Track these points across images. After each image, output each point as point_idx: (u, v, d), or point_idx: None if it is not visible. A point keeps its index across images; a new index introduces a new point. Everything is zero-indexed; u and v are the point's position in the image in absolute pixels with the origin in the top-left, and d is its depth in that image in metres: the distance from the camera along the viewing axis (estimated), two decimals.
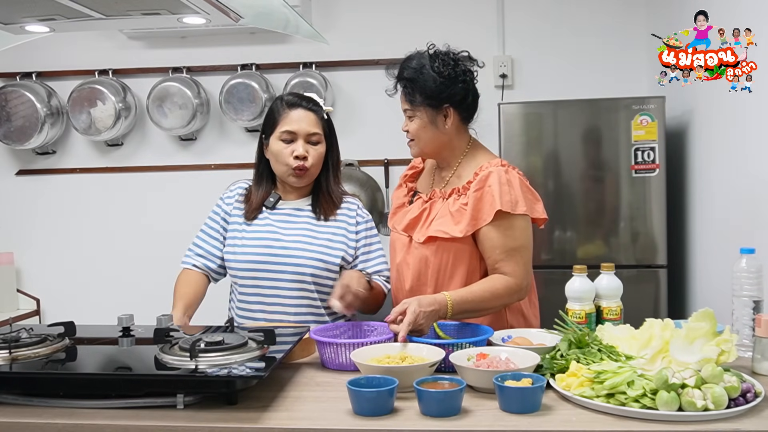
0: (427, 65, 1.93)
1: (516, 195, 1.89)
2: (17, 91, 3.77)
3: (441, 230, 1.92)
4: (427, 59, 1.95)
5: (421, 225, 1.99)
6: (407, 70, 1.96)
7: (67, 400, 1.39)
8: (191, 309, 2.03)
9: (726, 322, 1.62)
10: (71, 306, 3.90)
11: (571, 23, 3.71)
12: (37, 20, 1.92)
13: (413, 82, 1.94)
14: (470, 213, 1.89)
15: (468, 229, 1.89)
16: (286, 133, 2.04)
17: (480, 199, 1.89)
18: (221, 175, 3.85)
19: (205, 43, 3.89)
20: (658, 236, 3.09)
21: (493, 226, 1.88)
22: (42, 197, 4.04)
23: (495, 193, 1.87)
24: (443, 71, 1.92)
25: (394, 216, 2.12)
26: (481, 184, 1.90)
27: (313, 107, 2.09)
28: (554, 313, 1.73)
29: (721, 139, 2.66)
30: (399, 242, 2.04)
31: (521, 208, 1.89)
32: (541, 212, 1.96)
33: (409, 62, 1.97)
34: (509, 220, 1.89)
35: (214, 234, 2.12)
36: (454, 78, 1.93)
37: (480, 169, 1.93)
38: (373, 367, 1.46)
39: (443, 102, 1.94)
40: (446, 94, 1.93)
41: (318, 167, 2.08)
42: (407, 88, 1.96)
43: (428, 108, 1.94)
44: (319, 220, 2.08)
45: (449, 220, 1.93)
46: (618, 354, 1.46)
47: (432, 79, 1.92)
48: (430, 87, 1.92)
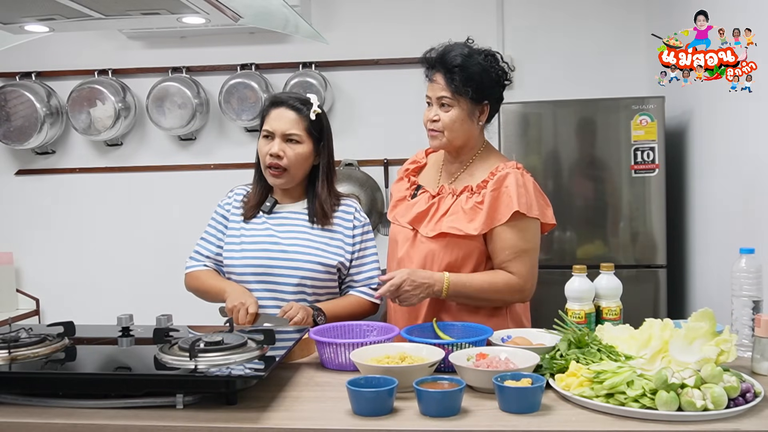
0: (476, 57, 1.91)
1: (531, 199, 1.91)
2: (17, 90, 3.78)
3: (454, 227, 1.92)
4: (476, 52, 1.92)
5: (428, 220, 1.98)
6: (457, 57, 1.89)
7: (67, 400, 1.38)
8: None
9: (725, 322, 1.62)
10: (71, 306, 3.90)
11: (571, 23, 3.71)
12: (36, 20, 1.92)
13: (463, 69, 1.89)
14: (486, 212, 1.89)
15: (483, 227, 1.89)
16: (265, 131, 2.03)
17: (497, 198, 1.90)
18: (221, 175, 3.85)
19: (204, 43, 3.89)
20: (657, 236, 3.09)
21: (508, 226, 1.88)
22: (41, 197, 4.04)
23: (512, 194, 1.88)
24: (492, 67, 1.92)
25: (394, 209, 2.10)
26: (498, 184, 1.90)
27: (297, 106, 2.02)
28: (554, 313, 1.73)
29: (721, 139, 2.66)
30: (401, 235, 2.03)
31: (535, 211, 1.90)
32: (550, 218, 1.97)
33: (456, 50, 1.91)
34: (524, 222, 1.90)
35: (217, 234, 2.11)
36: (499, 75, 1.95)
37: (496, 170, 1.94)
38: (373, 367, 1.45)
39: (486, 97, 1.94)
40: (491, 89, 1.94)
41: (299, 169, 2.03)
42: (453, 74, 1.89)
43: (470, 100, 1.92)
44: (314, 225, 2.07)
45: (462, 217, 1.92)
46: (617, 354, 1.46)
47: (484, 71, 1.91)
48: (479, 79, 1.90)
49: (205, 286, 2.07)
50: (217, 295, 2.03)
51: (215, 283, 2.05)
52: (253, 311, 1.88)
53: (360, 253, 2.08)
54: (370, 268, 2.10)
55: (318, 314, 1.94)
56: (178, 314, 1.84)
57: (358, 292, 2.07)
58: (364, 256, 2.09)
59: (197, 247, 2.14)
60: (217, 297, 2.03)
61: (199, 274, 2.10)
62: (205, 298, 2.10)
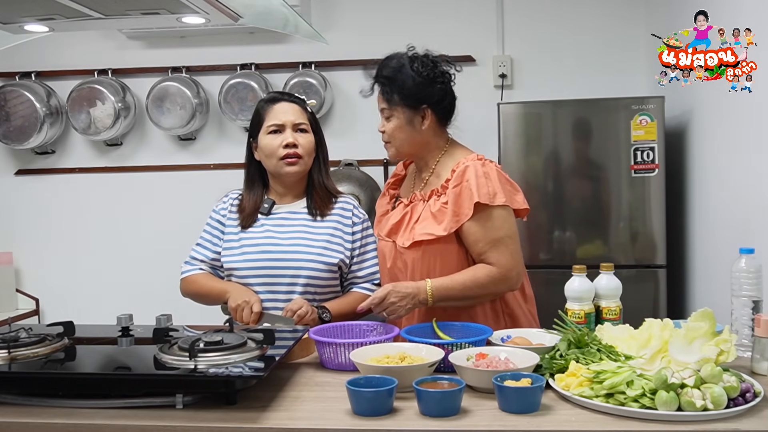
0: (406, 65, 1.94)
1: (494, 186, 1.89)
2: (16, 90, 3.78)
3: (425, 233, 1.92)
4: (407, 60, 1.96)
5: (404, 229, 1.99)
6: (386, 69, 1.96)
7: (67, 400, 1.38)
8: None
9: (725, 322, 1.62)
10: (70, 306, 3.91)
11: (570, 23, 3.71)
12: (36, 20, 1.92)
13: (392, 81, 1.94)
14: (451, 209, 1.89)
15: (451, 225, 1.89)
16: (273, 125, 2.05)
17: (459, 194, 1.89)
18: (220, 175, 3.85)
19: (204, 42, 3.89)
20: (657, 236, 3.09)
21: (474, 220, 1.88)
22: (41, 197, 4.04)
23: (473, 187, 1.88)
24: (422, 72, 1.93)
25: (378, 224, 2.12)
26: (459, 179, 1.90)
27: (297, 100, 2.12)
28: (553, 313, 1.73)
29: (721, 139, 2.66)
30: (386, 248, 2.04)
31: (500, 199, 1.89)
32: (521, 203, 1.96)
33: (388, 62, 1.98)
34: (488, 212, 1.89)
35: (213, 239, 2.11)
36: (432, 79, 1.94)
37: (457, 166, 1.94)
38: (373, 367, 1.45)
39: (421, 102, 1.95)
40: (424, 94, 1.94)
41: (310, 156, 2.08)
42: (385, 86, 1.95)
43: (406, 108, 1.95)
44: (316, 219, 2.07)
45: (432, 221, 1.93)
46: (617, 354, 1.46)
47: (411, 79, 1.93)
48: (408, 86, 1.93)
49: (204, 289, 2.07)
50: (218, 297, 2.02)
51: (215, 284, 2.05)
52: (258, 310, 1.89)
53: (361, 249, 2.09)
54: (372, 264, 2.10)
55: (323, 311, 1.94)
56: (178, 314, 1.84)
57: (361, 289, 2.07)
58: (365, 252, 2.10)
59: (192, 252, 2.13)
60: (218, 299, 2.03)
61: (197, 278, 2.10)
62: (204, 302, 2.10)
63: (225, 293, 1.99)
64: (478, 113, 3.17)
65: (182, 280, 2.13)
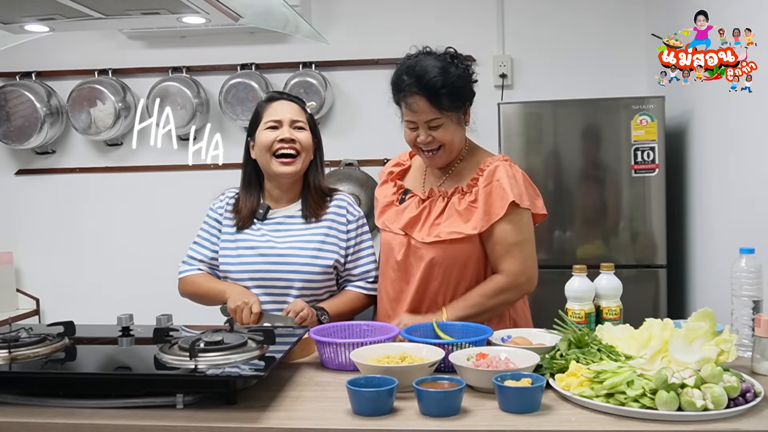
0: (449, 67, 1.89)
1: (521, 189, 1.91)
2: (17, 90, 3.78)
3: (453, 231, 1.90)
4: (444, 61, 1.90)
5: (422, 224, 1.96)
6: (436, 78, 1.85)
7: (67, 399, 1.38)
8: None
9: (725, 322, 1.62)
10: (71, 306, 3.91)
11: (570, 23, 3.71)
12: (36, 20, 1.92)
13: (447, 88, 1.86)
14: (482, 208, 1.88)
15: (483, 224, 1.88)
16: (271, 122, 2.05)
17: (490, 193, 1.89)
18: (220, 175, 3.84)
19: (204, 42, 3.89)
20: (657, 236, 3.09)
21: (505, 220, 1.88)
22: (41, 197, 4.04)
23: (505, 186, 1.88)
24: (465, 70, 1.92)
25: (383, 214, 2.07)
26: (489, 179, 1.90)
27: (295, 100, 2.12)
28: (554, 312, 1.73)
29: (721, 139, 2.66)
30: (396, 242, 2.00)
31: (526, 202, 1.90)
32: (541, 208, 1.97)
33: (431, 69, 1.86)
34: (518, 214, 1.90)
35: (211, 238, 2.11)
36: (471, 74, 1.95)
37: (485, 165, 1.93)
38: (373, 366, 1.45)
39: (466, 100, 1.94)
40: (468, 91, 1.94)
41: (308, 155, 2.07)
42: (439, 96, 1.85)
43: (454, 110, 1.91)
44: (310, 222, 2.06)
45: (458, 219, 1.91)
46: (617, 354, 1.46)
47: (460, 79, 1.89)
48: (458, 87, 1.89)
49: (202, 289, 2.07)
50: (217, 298, 2.02)
51: (214, 285, 2.05)
52: (257, 311, 1.88)
53: (356, 247, 2.09)
54: (367, 261, 2.10)
55: (322, 313, 1.94)
56: (178, 314, 1.84)
57: (355, 287, 2.07)
58: (360, 250, 2.10)
59: (190, 251, 2.13)
60: (216, 299, 2.03)
61: (195, 278, 2.10)
62: (203, 302, 2.09)
63: (224, 294, 1.99)
64: (478, 113, 3.16)
65: (180, 280, 2.12)
